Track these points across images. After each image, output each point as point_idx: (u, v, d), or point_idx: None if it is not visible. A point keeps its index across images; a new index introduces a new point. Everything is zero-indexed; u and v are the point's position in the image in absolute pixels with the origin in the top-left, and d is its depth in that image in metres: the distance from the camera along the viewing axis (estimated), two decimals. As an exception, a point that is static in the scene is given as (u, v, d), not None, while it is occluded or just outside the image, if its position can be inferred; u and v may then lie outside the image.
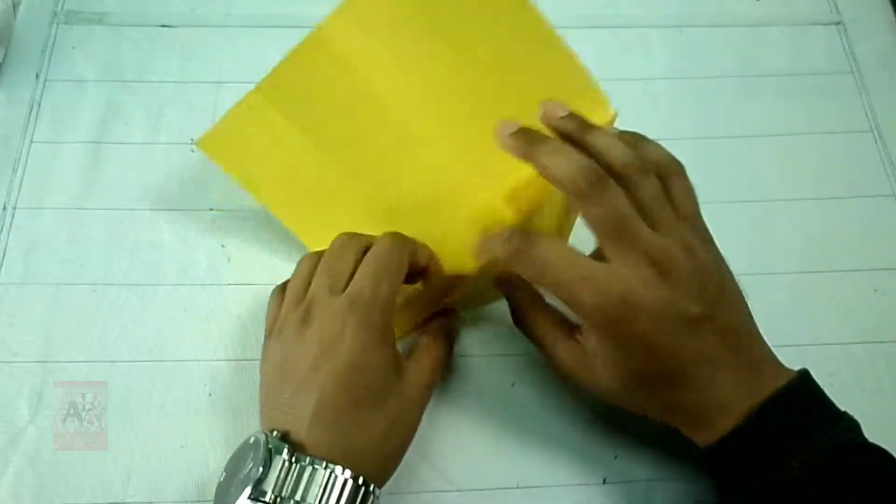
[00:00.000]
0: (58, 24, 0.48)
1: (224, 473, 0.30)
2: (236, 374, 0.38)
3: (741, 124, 0.46)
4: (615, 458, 0.36)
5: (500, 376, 0.38)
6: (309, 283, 0.33)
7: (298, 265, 0.35)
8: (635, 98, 0.47)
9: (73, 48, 0.47)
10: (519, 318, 0.34)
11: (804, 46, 0.49)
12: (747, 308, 0.32)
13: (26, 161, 0.43)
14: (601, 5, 0.50)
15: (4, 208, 0.41)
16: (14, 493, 0.34)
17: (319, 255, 0.34)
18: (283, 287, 0.35)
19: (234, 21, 0.48)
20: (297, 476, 0.28)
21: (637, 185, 0.30)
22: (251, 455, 0.29)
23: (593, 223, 0.29)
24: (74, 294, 0.39)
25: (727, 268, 0.32)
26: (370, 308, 0.31)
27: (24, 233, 0.41)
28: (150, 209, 0.42)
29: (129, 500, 0.35)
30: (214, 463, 0.35)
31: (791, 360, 0.39)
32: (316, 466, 0.28)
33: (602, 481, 0.36)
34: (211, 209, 0.42)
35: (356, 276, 0.32)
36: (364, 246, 0.34)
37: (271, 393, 0.32)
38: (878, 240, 0.43)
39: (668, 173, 0.32)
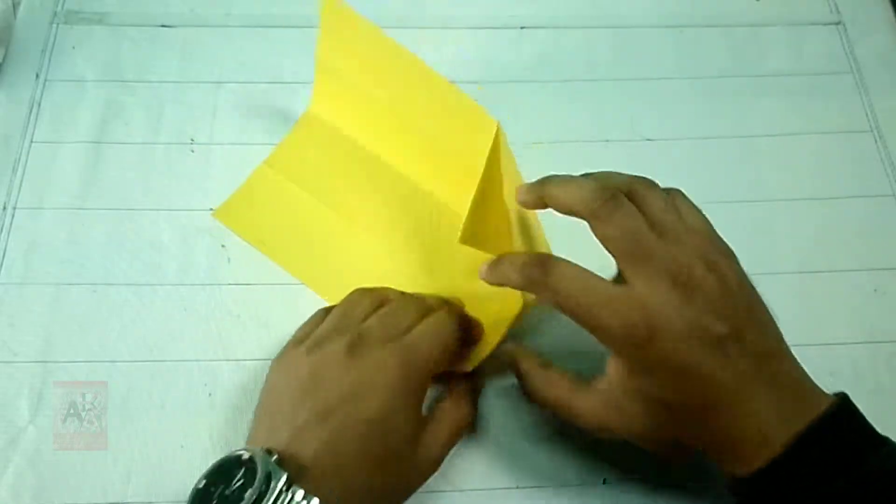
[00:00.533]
0: (58, 24, 0.48)
1: (204, 481, 0.28)
2: (236, 374, 0.38)
3: (741, 124, 0.46)
4: (615, 458, 0.36)
5: (500, 376, 0.38)
6: (362, 317, 0.33)
7: (352, 295, 0.35)
8: (635, 98, 0.47)
9: (73, 48, 0.47)
10: (530, 385, 0.32)
11: (804, 46, 0.49)
12: (778, 330, 0.30)
13: (26, 161, 0.43)
14: (601, 5, 0.50)
15: (4, 208, 0.41)
16: (14, 493, 0.34)
17: (375, 292, 0.35)
18: (328, 309, 0.35)
19: (234, 21, 0.48)
20: None
21: (645, 199, 0.30)
22: (243, 472, 0.27)
23: (610, 243, 0.29)
24: (74, 294, 0.39)
25: (754, 287, 0.30)
26: (419, 368, 0.31)
27: (24, 233, 0.41)
28: (150, 209, 0.42)
29: (129, 500, 0.35)
30: (214, 463, 0.35)
31: (791, 360, 0.39)
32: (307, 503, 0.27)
33: (602, 481, 0.36)
34: (211, 209, 0.42)
35: (418, 329, 0.32)
36: (427, 308, 0.34)
37: (282, 407, 0.31)
38: (878, 240, 0.43)
39: (669, 192, 0.32)
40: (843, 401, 0.28)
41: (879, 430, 0.37)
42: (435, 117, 0.38)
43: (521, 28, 0.49)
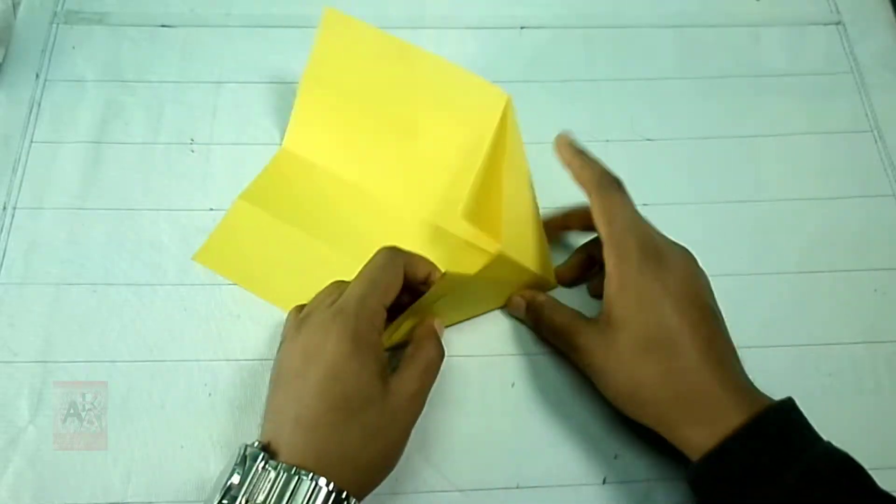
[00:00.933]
0: (58, 24, 0.48)
1: (212, 487, 0.30)
2: (236, 374, 0.38)
3: (741, 124, 0.46)
4: (615, 458, 0.36)
5: (500, 376, 0.38)
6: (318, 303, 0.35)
7: (322, 289, 0.36)
8: (635, 98, 0.47)
9: (73, 48, 0.47)
10: (542, 312, 0.37)
11: (804, 46, 0.49)
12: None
13: (26, 161, 0.43)
14: (601, 5, 0.50)
15: (4, 208, 0.41)
16: (14, 493, 0.34)
17: (341, 284, 0.36)
18: (300, 307, 0.36)
19: (234, 21, 0.48)
20: (269, 482, 0.28)
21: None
22: (231, 464, 0.29)
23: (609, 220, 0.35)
24: (74, 294, 0.39)
25: None
26: (354, 317, 0.31)
27: (24, 233, 0.41)
28: (150, 209, 0.42)
29: (129, 500, 0.35)
30: (214, 463, 0.35)
31: (791, 360, 0.39)
32: (288, 472, 0.28)
33: (602, 481, 0.36)
34: (211, 209, 0.42)
35: (347, 289, 0.33)
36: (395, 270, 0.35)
37: (267, 402, 0.33)
38: (878, 240, 0.43)
39: None
40: (792, 402, 0.31)
41: (880, 429, 0.37)
42: (441, 104, 0.39)
43: (521, 28, 0.49)
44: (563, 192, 0.38)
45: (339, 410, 0.30)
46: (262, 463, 0.29)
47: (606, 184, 0.35)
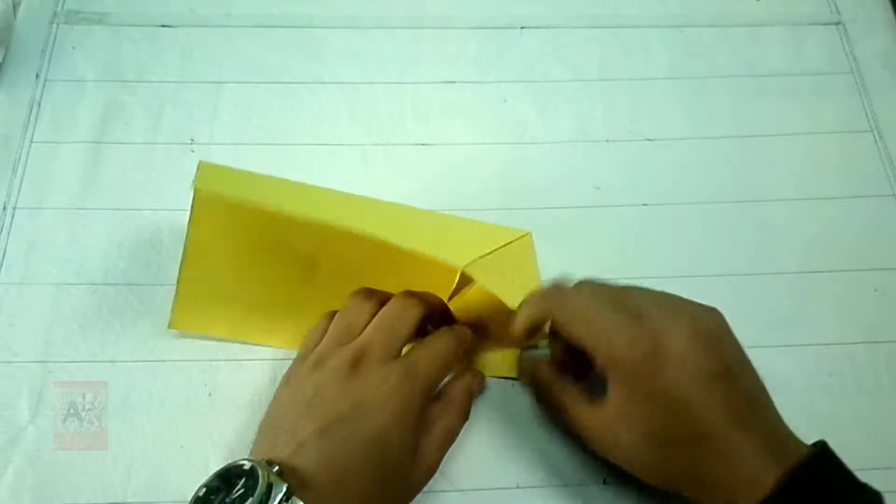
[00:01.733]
0: (58, 24, 0.48)
1: (204, 489, 0.28)
2: (236, 374, 0.38)
3: (741, 124, 0.46)
4: (615, 458, 0.36)
5: (500, 377, 0.38)
6: (362, 326, 0.33)
7: (350, 302, 0.35)
8: (635, 98, 0.47)
9: (73, 48, 0.47)
10: (543, 391, 0.35)
11: (804, 46, 0.49)
12: (762, 382, 0.32)
13: (26, 161, 0.43)
14: (601, 5, 0.50)
15: (4, 208, 0.41)
16: (14, 493, 0.34)
17: (373, 295, 0.35)
18: (332, 314, 0.35)
19: (234, 21, 0.48)
20: None
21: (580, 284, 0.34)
22: (244, 481, 0.27)
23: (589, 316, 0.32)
24: (74, 294, 0.39)
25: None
26: (419, 386, 0.31)
27: (24, 233, 0.41)
28: (150, 209, 0.42)
29: (129, 500, 0.35)
30: (214, 463, 0.35)
31: (791, 360, 0.39)
32: None
33: (602, 481, 0.36)
34: (211, 209, 0.42)
35: (419, 348, 0.33)
36: (423, 312, 0.34)
37: (285, 421, 0.31)
38: (878, 240, 0.42)
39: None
40: (824, 447, 0.30)
41: (880, 429, 0.37)
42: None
43: (521, 28, 0.49)
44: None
45: (374, 474, 0.29)
46: (285, 497, 0.27)
47: (550, 294, 0.33)
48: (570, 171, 0.44)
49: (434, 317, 0.36)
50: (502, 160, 0.44)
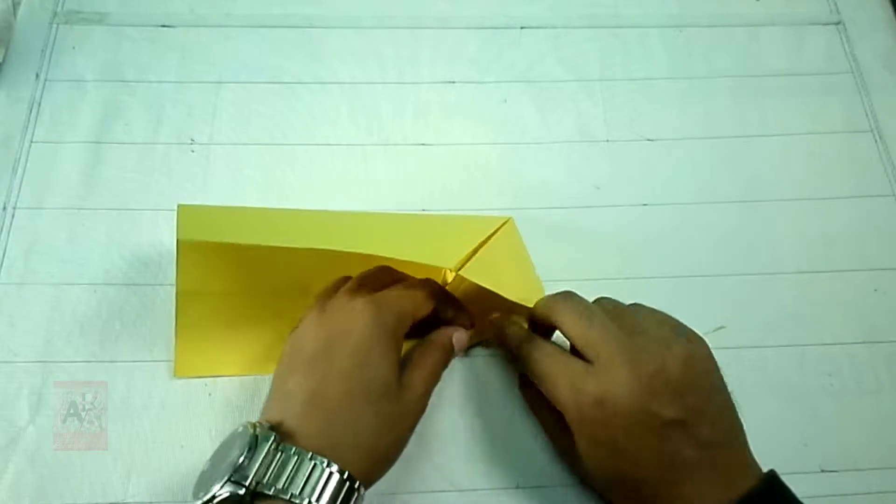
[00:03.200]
0: (58, 24, 0.48)
1: (209, 462, 0.30)
2: (236, 375, 0.38)
3: (741, 124, 0.46)
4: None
5: (501, 376, 0.38)
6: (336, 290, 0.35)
7: (332, 281, 0.36)
8: (635, 98, 0.47)
9: (73, 48, 0.47)
10: (527, 399, 0.37)
11: (804, 46, 0.49)
12: (734, 422, 0.31)
13: (26, 161, 0.43)
14: (601, 5, 0.50)
15: (4, 208, 0.41)
16: (14, 493, 0.34)
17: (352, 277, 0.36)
18: (322, 297, 0.36)
19: (234, 21, 0.48)
20: (281, 464, 0.28)
21: (598, 300, 0.34)
22: (237, 443, 0.29)
23: (566, 326, 0.32)
24: (74, 294, 0.39)
25: (721, 381, 0.32)
26: (387, 310, 0.32)
27: (24, 233, 0.41)
28: (150, 209, 0.42)
29: (129, 500, 0.35)
30: (214, 463, 0.35)
31: (791, 360, 0.39)
32: (301, 456, 0.28)
33: (602, 481, 0.36)
34: (211, 209, 0.42)
35: (387, 290, 0.34)
36: (398, 279, 0.35)
37: (275, 384, 0.32)
38: (878, 240, 0.43)
39: (632, 305, 0.35)
40: (771, 477, 0.30)
41: (879, 429, 0.37)
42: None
43: (521, 28, 0.49)
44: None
45: (358, 396, 0.30)
46: (274, 445, 0.28)
47: (529, 340, 0.34)
48: (570, 171, 0.44)
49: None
50: (502, 160, 0.44)
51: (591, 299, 0.35)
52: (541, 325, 0.35)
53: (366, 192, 0.43)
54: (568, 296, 0.34)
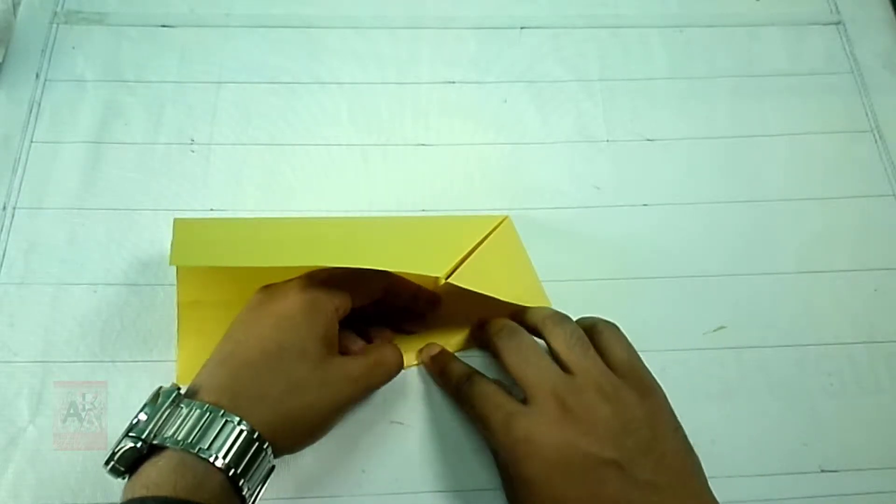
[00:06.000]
0: (58, 24, 0.48)
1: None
2: (236, 374, 0.38)
3: (741, 124, 0.46)
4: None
5: (499, 376, 0.38)
6: None
7: None
8: (635, 98, 0.47)
9: (73, 48, 0.47)
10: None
11: (804, 46, 0.49)
12: (685, 464, 0.30)
13: (26, 161, 0.43)
14: (601, 5, 0.50)
15: (4, 208, 0.41)
16: (14, 493, 0.34)
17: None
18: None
19: (234, 21, 0.48)
20: (181, 418, 0.28)
21: (550, 333, 0.33)
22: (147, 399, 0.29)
23: (507, 363, 0.33)
24: (74, 294, 0.39)
25: (672, 425, 0.31)
26: (318, 285, 0.32)
27: (24, 233, 0.41)
28: (150, 209, 0.42)
29: (129, 500, 0.35)
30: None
31: (791, 360, 0.39)
32: (199, 409, 0.28)
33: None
34: (211, 209, 0.42)
35: (327, 273, 0.34)
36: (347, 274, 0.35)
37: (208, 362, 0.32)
38: (878, 240, 0.43)
39: (597, 329, 0.34)
40: None
41: (879, 429, 0.37)
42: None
43: (521, 28, 0.49)
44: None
45: (270, 357, 0.30)
46: (174, 400, 0.29)
47: (467, 379, 0.34)
48: (570, 171, 0.44)
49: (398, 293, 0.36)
50: (502, 160, 0.44)
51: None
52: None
53: (365, 192, 0.43)
54: (512, 332, 0.34)
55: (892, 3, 0.51)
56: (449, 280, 0.33)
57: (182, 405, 0.29)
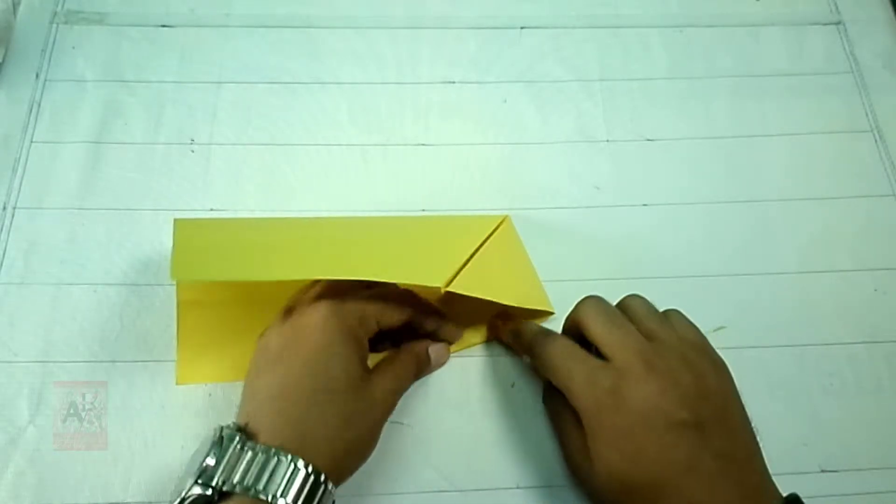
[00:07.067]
0: (58, 24, 0.48)
1: (185, 468, 0.30)
2: (236, 374, 0.38)
3: (741, 124, 0.46)
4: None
5: (501, 376, 0.38)
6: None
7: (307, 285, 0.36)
8: (635, 98, 0.47)
9: (73, 48, 0.47)
10: (545, 399, 0.37)
11: (804, 46, 0.49)
12: (752, 442, 0.31)
13: (26, 161, 0.43)
14: (601, 5, 0.50)
15: (4, 208, 0.41)
16: (14, 493, 0.34)
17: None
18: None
19: (234, 21, 0.48)
20: (246, 462, 0.28)
21: (629, 307, 0.34)
22: (207, 446, 0.29)
23: (590, 326, 0.33)
24: (74, 294, 0.39)
25: (740, 404, 0.32)
26: (349, 312, 0.32)
27: (24, 233, 0.41)
28: (150, 209, 0.42)
29: (129, 500, 0.35)
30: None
31: (791, 360, 0.39)
32: (265, 453, 0.28)
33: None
34: (211, 209, 0.42)
35: (353, 291, 0.34)
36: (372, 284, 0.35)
37: (245, 387, 0.33)
38: (878, 240, 0.43)
39: (667, 313, 0.35)
40: (794, 499, 0.30)
41: (879, 429, 0.37)
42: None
43: (521, 28, 0.49)
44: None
45: (321, 391, 0.30)
46: (240, 444, 0.29)
47: (545, 335, 0.35)
48: (570, 171, 0.44)
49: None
50: (502, 160, 0.44)
51: (621, 295, 0.35)
52: (569, 331, 0.35)
53: (366, 192, 0.43)
54: (593, 298, 0.34)
55: (892, 3, 0.51)
56: (449, 289, 0.33)
57: (247, 448, 0.28)
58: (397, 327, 0.35)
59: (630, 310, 0.34)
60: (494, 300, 0.35)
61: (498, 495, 0.35)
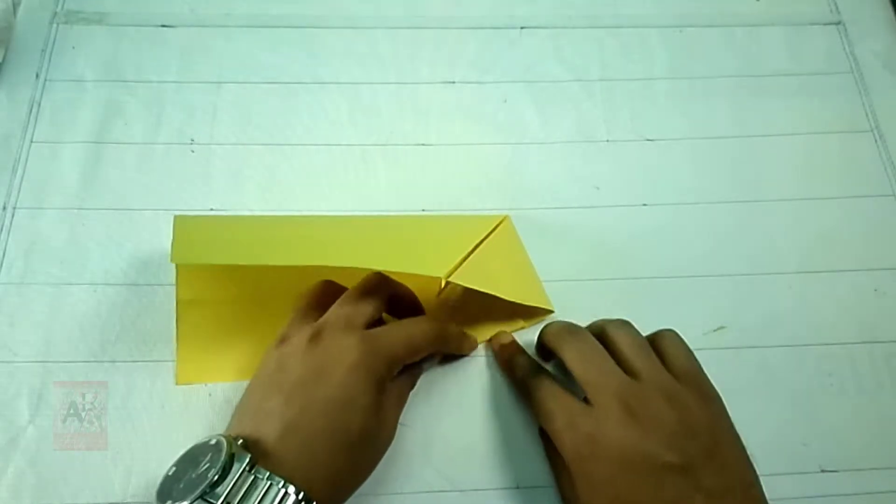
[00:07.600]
0: (58, 24, 0.48)
1: (174, 468, 0.29)
2: (236, 374, 0.38)
3: (741, 124, 0.46)
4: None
5: (501, 376, 0.38)
6: (326, 304, 0.34)
7: (317, 284, 0.36)
8: (635, 98, 0.47)
9: (73, 48, 0.47)
10: (541, 434, 0.36)
11: (804, 46, 0.49)
12: (748, 472, 0.30)
13: (26, 161, 0.43)
14: (601, 5, 0.50)
15: (4, 208, 0.41)
16: (14, 493, 0.34)
17: (337, 285, 0.36)
18: (307, 310, 0.36)
19: (234, 21, 0.48)
20: (250, 486, 0.27)
21: (613, 337, 0.33)
22: (209, 456, 0.28)
23: (570, 364, 0.33)
24: (74, 294, 0.39)
25: (732, 434, 0.31)
26: (379, 356, 0.32)
27: (24, 233, 0.41)
28: (150, 209, 0.42)
29: (129, 500, 0.35)
30: (214, 463, 0.35)
31: (791, 360, 0.39)
32: (271, 482, 0.28)
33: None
34: (211, 209, 0.42)
35: (384, 327, 0.34)
36: (388, 292, 0.35)
37: (253, 398, 0.32)
38: (878, 240, 0.42)
39: (658, 336, 0.34)
40: None
41: (879, 429, 0.37)
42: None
43: (521, 28, 0.49)
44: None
45: (337, 438, 0.30)
46: (248, 466, 0.28)
47: (534, 374, 0.34)
48: (570, 171, 0.44)
49: (402, 303, 0.36)
50: (502, 160, 0.44)
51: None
52: (547, 350, 0.35)
53: (366, 192, 0.43)
54: (575, 332, 0.34)
55: (892, 3, 0.51)
56: (450, 279, 0.33)
57: (256, 473, 0.28)
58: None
59: (615, 345, 0.33)
60: (494, 294, 0.35)
61: (498, 495, 0.35)
